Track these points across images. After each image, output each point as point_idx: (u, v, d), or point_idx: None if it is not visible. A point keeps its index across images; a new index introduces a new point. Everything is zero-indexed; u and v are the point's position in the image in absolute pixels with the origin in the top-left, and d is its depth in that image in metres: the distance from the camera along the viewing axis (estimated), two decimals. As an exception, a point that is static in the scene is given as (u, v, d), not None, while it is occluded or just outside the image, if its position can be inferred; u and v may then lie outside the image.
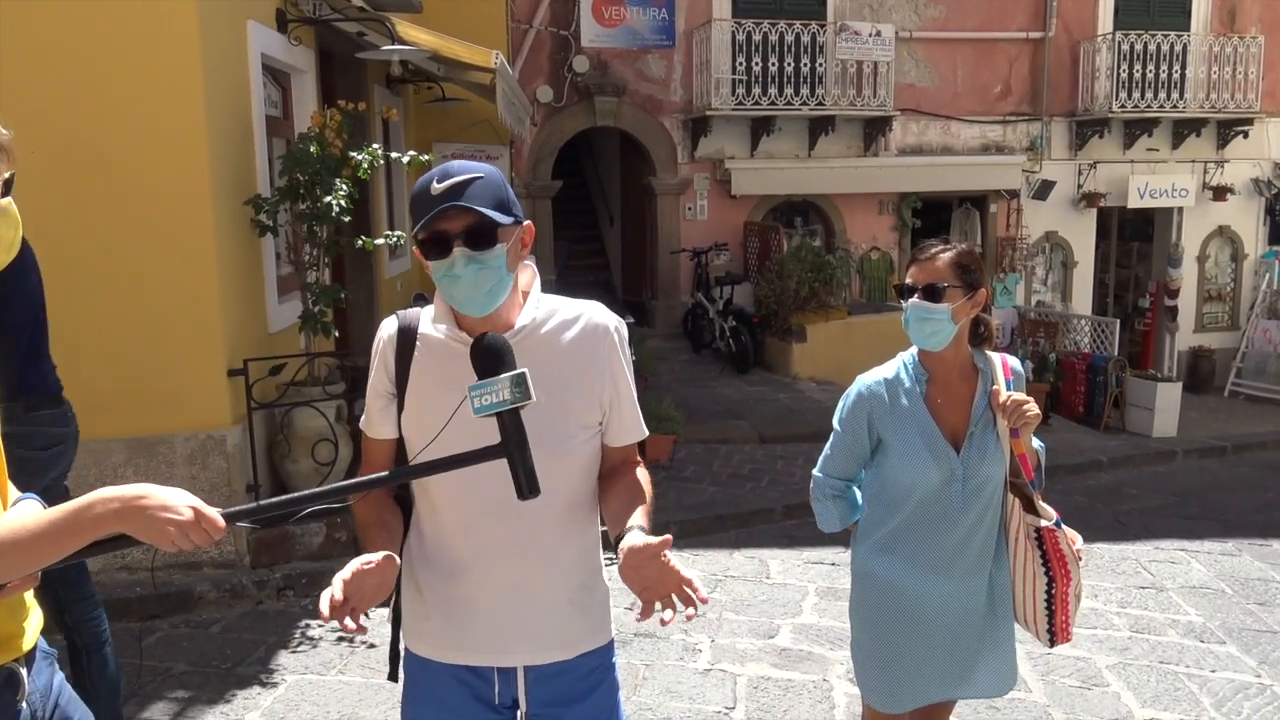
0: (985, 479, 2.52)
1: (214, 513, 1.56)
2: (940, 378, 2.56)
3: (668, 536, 1.72)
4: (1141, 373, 12.92)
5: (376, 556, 1.74)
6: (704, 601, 1.70)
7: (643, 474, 2.00)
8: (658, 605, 1.71)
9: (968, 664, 2.61)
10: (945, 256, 2.50)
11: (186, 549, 1.55)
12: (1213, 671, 4.61)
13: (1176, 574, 6.07)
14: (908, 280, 2.53)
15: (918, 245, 2.59)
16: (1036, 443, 2.57)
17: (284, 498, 1.68)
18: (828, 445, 2.69)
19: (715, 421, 9.55)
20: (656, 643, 4.72)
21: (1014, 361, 2.62)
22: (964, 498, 2.51)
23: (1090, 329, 13.59)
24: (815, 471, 2.71)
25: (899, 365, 2.61)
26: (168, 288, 5.01)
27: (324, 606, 1.67)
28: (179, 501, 1.55)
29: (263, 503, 1.63)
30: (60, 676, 1.92)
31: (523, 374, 1.60)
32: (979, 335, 2.61)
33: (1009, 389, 2.52)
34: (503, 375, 1.60)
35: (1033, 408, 2.43)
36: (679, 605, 1.70)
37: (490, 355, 1.65)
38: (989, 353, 2.60)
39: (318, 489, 1.65)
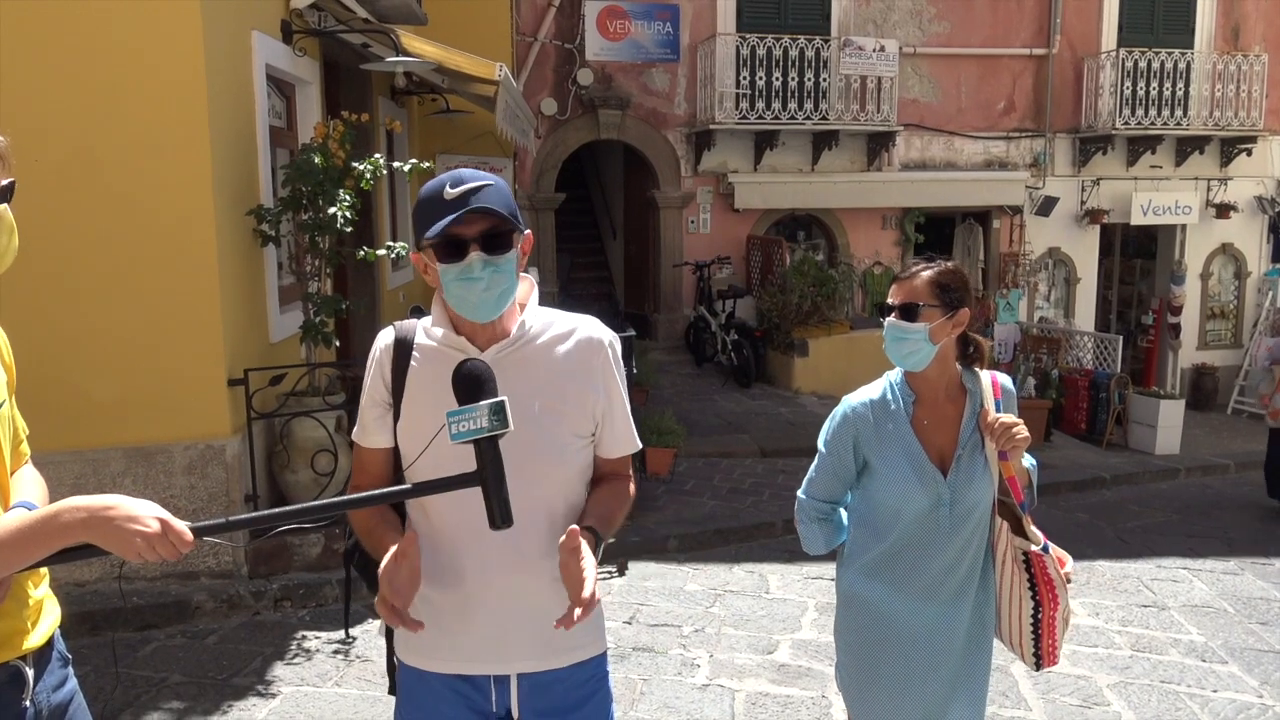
0: (973, 503, 2.46)
1: (182, 526, 1.56)
2: (927, 398, 2.50)
3: (577, 543, 1.74)
4: (1144, 390, 12.88)
5: (395, 547, 1.76)
6: (582, 605, 1.72)
7: (629, 485, 2.03)
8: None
9: (946, 696, 2.53)
10: (924, 275, 2.44)
11: (153, 560, 1.55)
12: (1214, 691, 4.58)
13: (1178, 592, 6.04)
14: (888, 299, 2.49)
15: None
16: (1028, 460, 2.51)
17: (254, 514, 1.70)
18: (812, 468, 2.64)
19: (716, 435, 9.53)
20: (654, 657, 4.70)
21: (1004, 380, 2.54)
22: (951, 522, 2.45)
23: (1093, 345, 13.57)
24: (799, 494, 2.66)
25: (885, 385, 2.55)
26: (169, 297, 5.01)
27: (391, 624, 1.74)
28: (146, 513, 1.55)
29: (232, 518, 1.62)
30: (74, 683, 1.91)
31: (502, 402, 1.59)
32: (968, 355, 2.54)
33: (999, 409, 2.45)
34: (482, 403, 1.59)
35: (1022, 430, 2.35)
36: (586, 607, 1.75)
37: (471, 382, 1.63)
38: (979, 371, 2.54)
39: (290, 508, 1.65)
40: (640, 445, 2.04)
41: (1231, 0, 14.66)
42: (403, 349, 1.95)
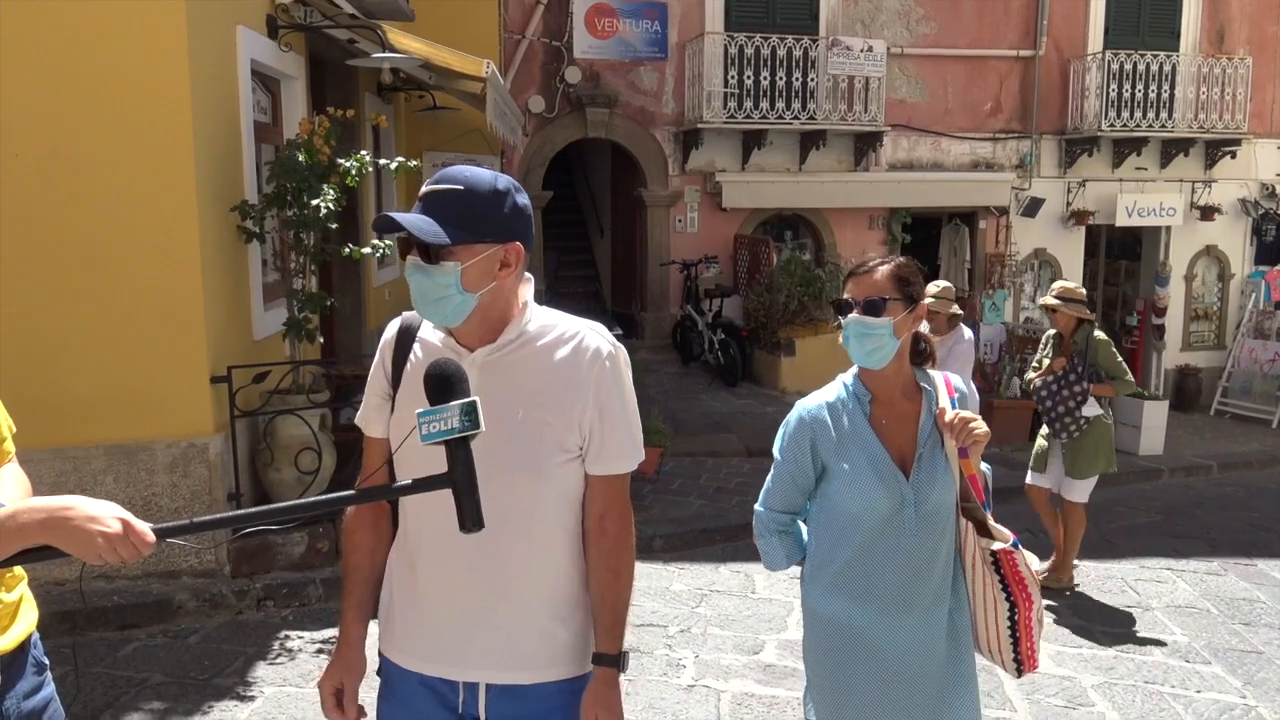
0: (938, 503, 2.38)
1: (144, 527, 1.52)
2: (884, 397, 2.45)
3: None
4: (1128, 390, 12.93)
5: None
6: None
7: (620, 545, 1.93)
8: None
9: (933, 710, 2.43)
10: (884, 269, 2.42)
11: (113, 562, 1.51)
12: (1198, 692, 4.60)
13: (1162, 593, 6.07)
14: (845, 295, 2.43)
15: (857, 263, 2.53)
16: (984, 465, 2.46)
17: (218, 516, 1.68)
18: (769, 478, 2.55)
19: (703, 434, 9.52)
20: (640, 658, 4.68)
21: (956, 380, 2.51)
22: (917, 524, 2.37)
23: (1078, 346, 13.60)
24: (757, 506, 2.57)
25: (839, 387, 2.50)
26: (151, 293, 4.97)
27: None
28: (106, 513, 1.51)
29: (196, 520, 1.57)
30: (51, 689, 1.87)
31: (473, 403, 1.54)
32: (920, 353, 2.52)
33: (954, 408, 2.41)
34: (453, 403, 1.55)
35: (980, 425, 2.32)
36: None
37: (441, 382, 1.59)
38: (931, 371, 2.51)
39: (255, 509, 1.62)
40: (633, 468, 1.94)
41: (1217, 4, 14.73)
42: (404, 341, 1.92)
